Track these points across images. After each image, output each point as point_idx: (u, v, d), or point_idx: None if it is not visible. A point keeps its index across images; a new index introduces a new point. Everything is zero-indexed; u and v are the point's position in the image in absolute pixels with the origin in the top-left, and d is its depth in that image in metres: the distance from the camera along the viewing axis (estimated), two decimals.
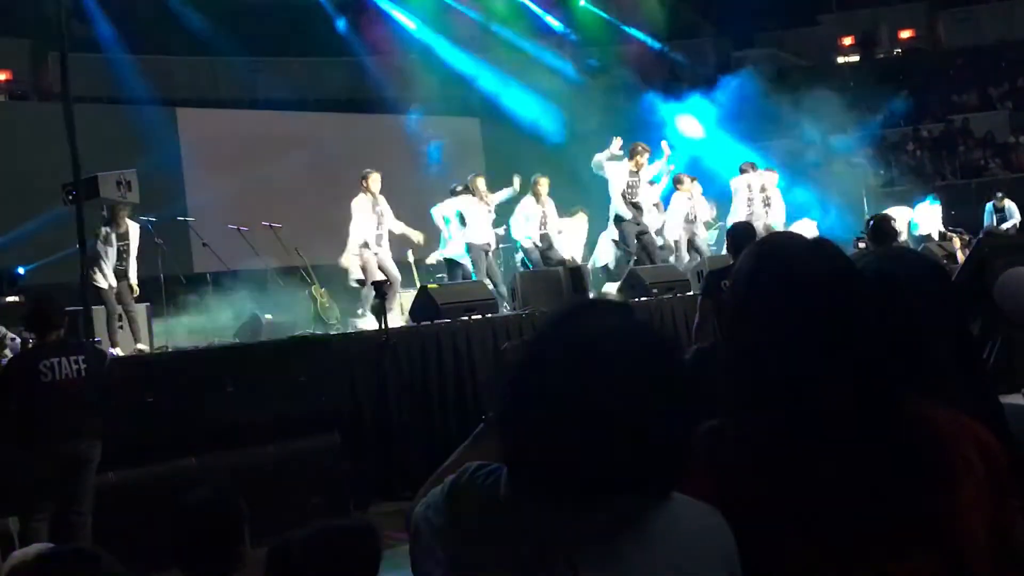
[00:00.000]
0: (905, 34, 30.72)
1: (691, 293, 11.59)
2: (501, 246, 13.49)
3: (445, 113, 19.57)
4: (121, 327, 10.97)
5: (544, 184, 12.93)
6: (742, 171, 14.74)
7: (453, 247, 12.52)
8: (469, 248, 12.22)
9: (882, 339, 1.66)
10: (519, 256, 13.38)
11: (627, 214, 12.98)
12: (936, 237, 16.05)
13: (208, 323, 12.50)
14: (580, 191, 14.87)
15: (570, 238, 13.67)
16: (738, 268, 1.76)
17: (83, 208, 8.84)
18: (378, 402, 8.95)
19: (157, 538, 3.24)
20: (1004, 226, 17.37)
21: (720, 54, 22.11)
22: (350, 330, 11.31)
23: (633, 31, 21.45)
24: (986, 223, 17.58)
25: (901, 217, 15.56)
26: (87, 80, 15.70)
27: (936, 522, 1.59)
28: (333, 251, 14.87)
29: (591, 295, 11.53)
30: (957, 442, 1.66)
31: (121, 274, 11.06)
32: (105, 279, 10.81)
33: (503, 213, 13.12)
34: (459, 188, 12.92)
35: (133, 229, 11.29)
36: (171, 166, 16.63)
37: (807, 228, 14.84)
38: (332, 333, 11.01)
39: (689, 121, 19.00)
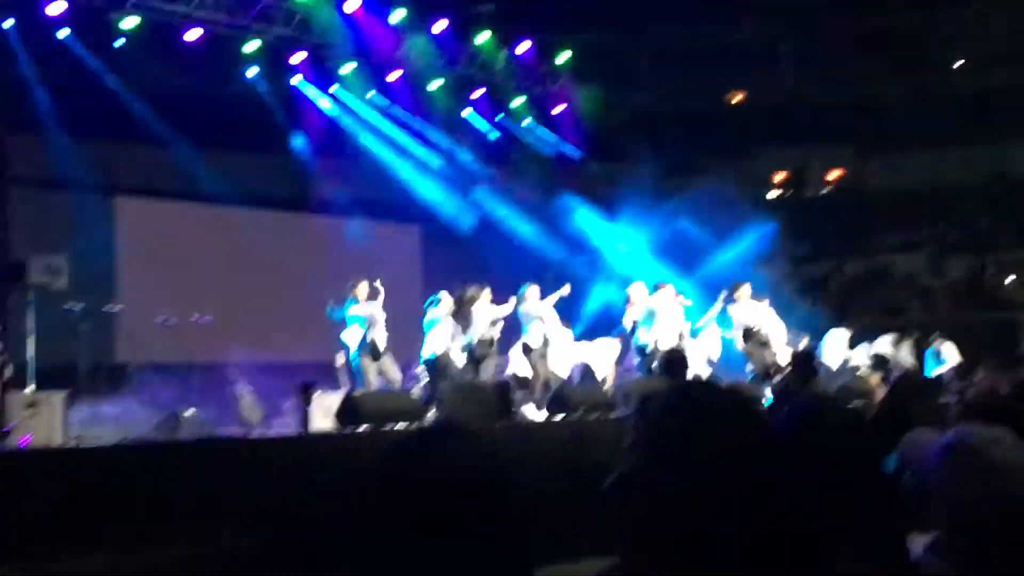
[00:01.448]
0: (834, 174, 31.80)
1: (615, 414, 11.68)
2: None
3: (386, 218, 19.72)
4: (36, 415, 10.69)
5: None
6: (657, 288, 14.67)
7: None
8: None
9: (797, 496, 1.70)
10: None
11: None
12: (850, 363, 16.34)
13: (126, 416, 12.24)
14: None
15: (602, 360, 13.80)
16: (654, 412, 1.80)
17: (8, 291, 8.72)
18: (296, 507, 8.80)
19: None
20: (940, 370, 17.77)
21: (657, 181, 22.64)
22: (272, 432, 11.13)
23: (571, 150, 21.94)
24: (927, 365, 18.00)
25: (834, 345, 15.91)
26: (25, 161, 15.62)
27: None
28: (262, 348, 14.75)
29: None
30: None
31: None
32: None
33: None
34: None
35: None
36: (104, 254, 16.48)
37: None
38: (253, 435, 10.85)
39: (621, 244, 19.40)
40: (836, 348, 16.94)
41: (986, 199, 29.37)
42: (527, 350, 13.32)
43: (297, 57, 17.67)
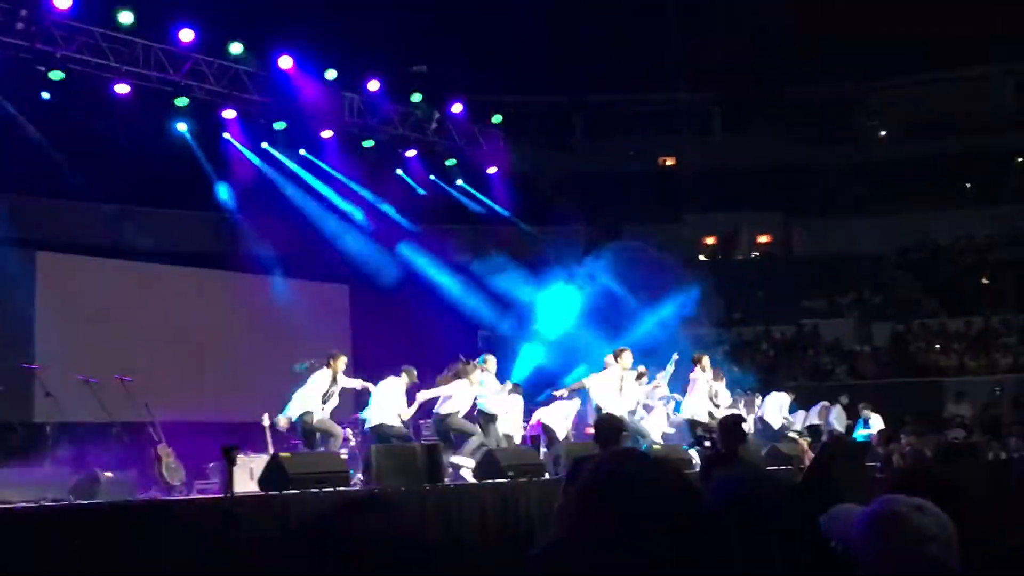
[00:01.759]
0: (763, 239, 32.37)
1: (546, 477, 11.61)
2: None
3: (313, 278, 19.56)
4: None
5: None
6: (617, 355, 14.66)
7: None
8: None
9: (727, 566, 1.68)
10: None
11: None
12: (789, 427, 16.46)
13: (43, 477, 11.86)
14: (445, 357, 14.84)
15: (508, 417, 13.73)
16: (584, 481, 1.76)
17: None
18: (219, 574, 8.55)
19: None
20: (866, 433, 18.00)
21: (588, 243, 22.83)
22: (194, 494, 10.84)
23: (503, 211, 22.04)
24: (855, 431, 18.23)
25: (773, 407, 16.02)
26: None
27: None
28: (182, 409, 14.45)
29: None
30: None
31: None
32: None
33: None
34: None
35: None
36: (23, 310, 16.09)
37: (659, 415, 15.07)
38: (174, 497, 10.58)
39: (555, 306, 19.45)
40: (775, 411, 17.10)
41: (908, 266, 30.06)
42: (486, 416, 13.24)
43: (228, 113, 17.52)
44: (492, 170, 21.12)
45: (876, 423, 18.40)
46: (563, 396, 14.15)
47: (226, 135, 18.08)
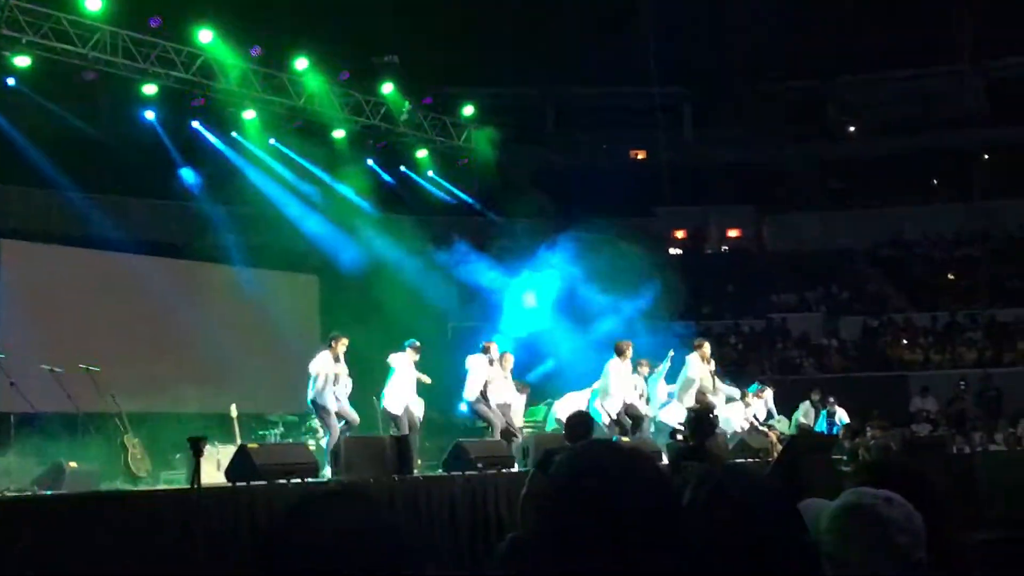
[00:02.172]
0: (733, 233, 32.49)
1: (515, 469, 11.60)
2: None
3: (283, 268, 19.45)
4: None
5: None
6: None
7: None
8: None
9: (699, 563, 1.66)
10: None
11: None
12: (754, 422, 16.48)
13: (7, 467, 11.74)
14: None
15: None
16: (554, 475, 1.75)
17: None
18: (183, 565, 8.48)
19: None
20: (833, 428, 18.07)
21: (557, 236, 22.83)
22: (159, 485, 10.77)
23: (474, 203, 22.01)
24: (822, 424, 18.29)
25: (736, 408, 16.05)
26: None
27: None
28: (149, 399, 14.32)
29: None
30: None
31: None
32: None
33: None
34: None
35: None
36: None
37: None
38: (140, 488, 10.49)
39: (529, 295, 19.46)
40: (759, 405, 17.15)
41: (878, 261, 30.29)
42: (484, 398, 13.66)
43: (196, 102, 17.37)
44: (463, 161, 21.07)
45: (843, 416, 18.51)
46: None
47: (195, 123, 17.93)
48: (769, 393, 17.33)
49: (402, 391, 13.13)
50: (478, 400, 13.57)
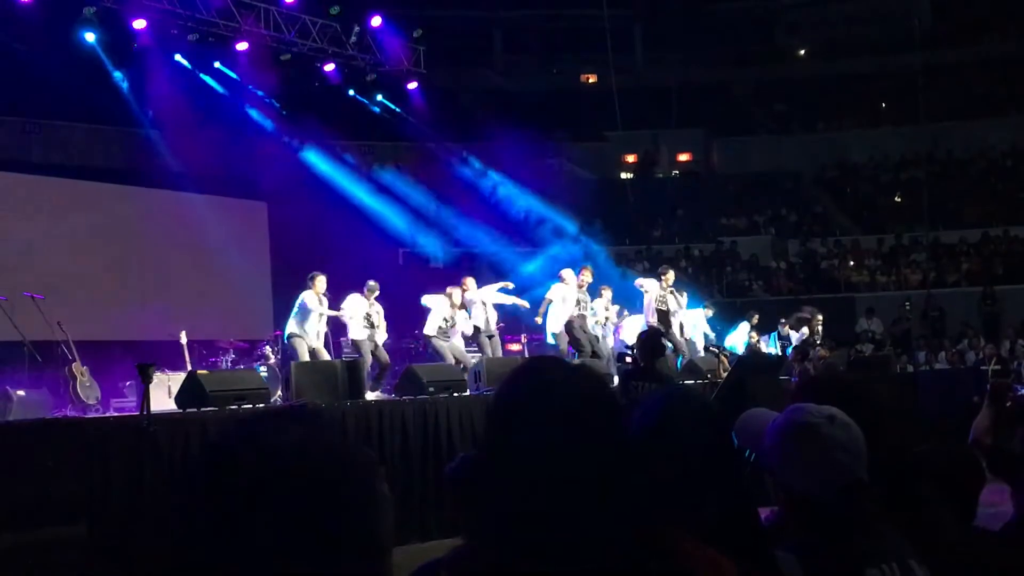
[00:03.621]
0: (683, 157, 32.53)
1: (467, 393, 11.65)
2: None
3: (230, 194, 19.19)
4: None
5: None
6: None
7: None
8: None
9: (645, 475, 1.67)
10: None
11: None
12: (702, 342, 16.65)
13: None
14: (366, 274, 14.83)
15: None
16: (499, 391, 1.74)
17: None
18: (133, 493, 8.46)
19: None
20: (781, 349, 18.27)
21: (507, 159, 22.72)
22: (109, 413, 10.71)
23: (423, 127, 21.78)
24: (771, 345, 18.48)
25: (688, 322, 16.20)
26: None
27: None
28: (97, 327, 14.16)
29: None
30: None
31: None
32: None
33: None
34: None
35: None
36: None
37: None
38: (89, 415, 10.42)
39: (475, 222, 19.47)
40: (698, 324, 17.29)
41: (825, 184, 30.53)
42: (476, 332, 13.89)
43: (138, 23, 16.90)
44: (412, 85, 20.80)
45: (793, 337, 18.73)
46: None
47: (136, 46, 17.48)
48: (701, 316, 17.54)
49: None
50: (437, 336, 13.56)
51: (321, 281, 12.66)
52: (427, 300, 13.72)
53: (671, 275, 15.26)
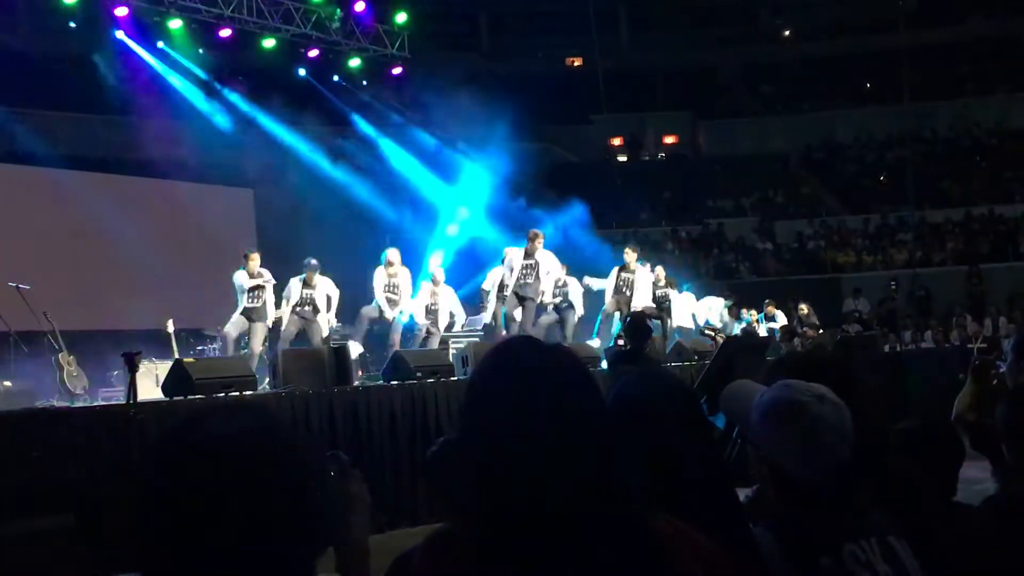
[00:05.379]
0: (669, 139, 32.53)
1: (455, 378, 11.64)
2: None
3: (216, 181, 19.12)
4: None
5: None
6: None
7: None
8: None
9: (619, 452, 1.67)
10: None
11: None
12: (690, 325, 16.69)
13: None
14: (355, 258, 14.82)
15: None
16: (474, 373, 1.74)
17: None
18: (122, 480, 8.44)
19: None
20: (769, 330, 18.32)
21: (494, 144, 22.68)
22: (97, 402, 10.69)
23: (408, 112, 21.71)
24: (760, 327, 18.52)
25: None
26: None
27: None
28: (83, 317, 14.11)
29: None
30: (681, 556, 1.69)
31: None
32: None
33: None
34: None
35: None
36: None
37: None
38: (76, 405, 10.40)
39: (463, 209, 19.44)
40: (685, 313, 17.33)
41: (811, 165, 30.57)
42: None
43: (120, 11, 16.79)
44: (397, 71, 20.73)
45: (780, 319, 18.78)
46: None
47: (119, 34, 17.38)
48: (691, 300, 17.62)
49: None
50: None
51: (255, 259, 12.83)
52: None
53: (630, 254, 15.27)
